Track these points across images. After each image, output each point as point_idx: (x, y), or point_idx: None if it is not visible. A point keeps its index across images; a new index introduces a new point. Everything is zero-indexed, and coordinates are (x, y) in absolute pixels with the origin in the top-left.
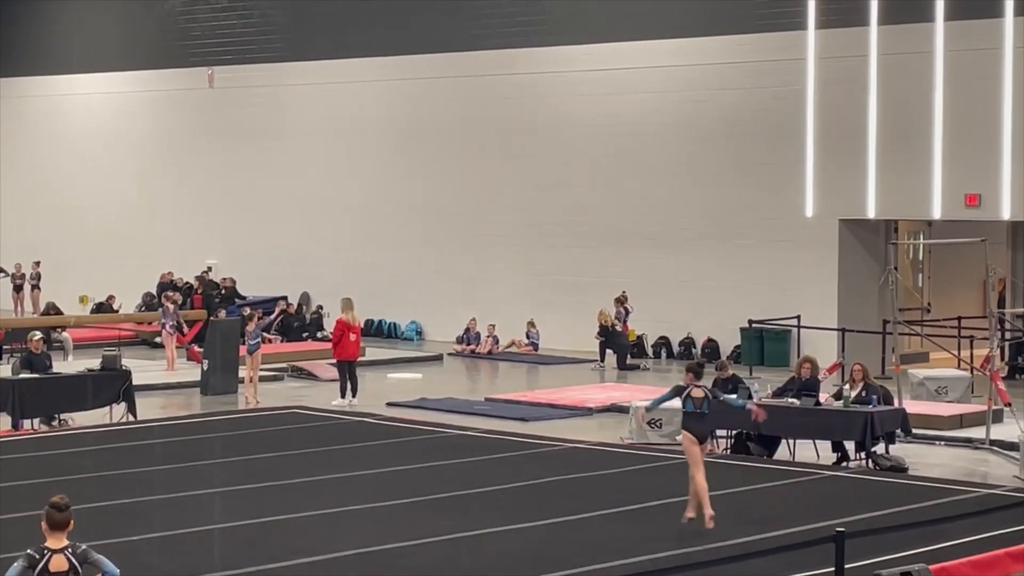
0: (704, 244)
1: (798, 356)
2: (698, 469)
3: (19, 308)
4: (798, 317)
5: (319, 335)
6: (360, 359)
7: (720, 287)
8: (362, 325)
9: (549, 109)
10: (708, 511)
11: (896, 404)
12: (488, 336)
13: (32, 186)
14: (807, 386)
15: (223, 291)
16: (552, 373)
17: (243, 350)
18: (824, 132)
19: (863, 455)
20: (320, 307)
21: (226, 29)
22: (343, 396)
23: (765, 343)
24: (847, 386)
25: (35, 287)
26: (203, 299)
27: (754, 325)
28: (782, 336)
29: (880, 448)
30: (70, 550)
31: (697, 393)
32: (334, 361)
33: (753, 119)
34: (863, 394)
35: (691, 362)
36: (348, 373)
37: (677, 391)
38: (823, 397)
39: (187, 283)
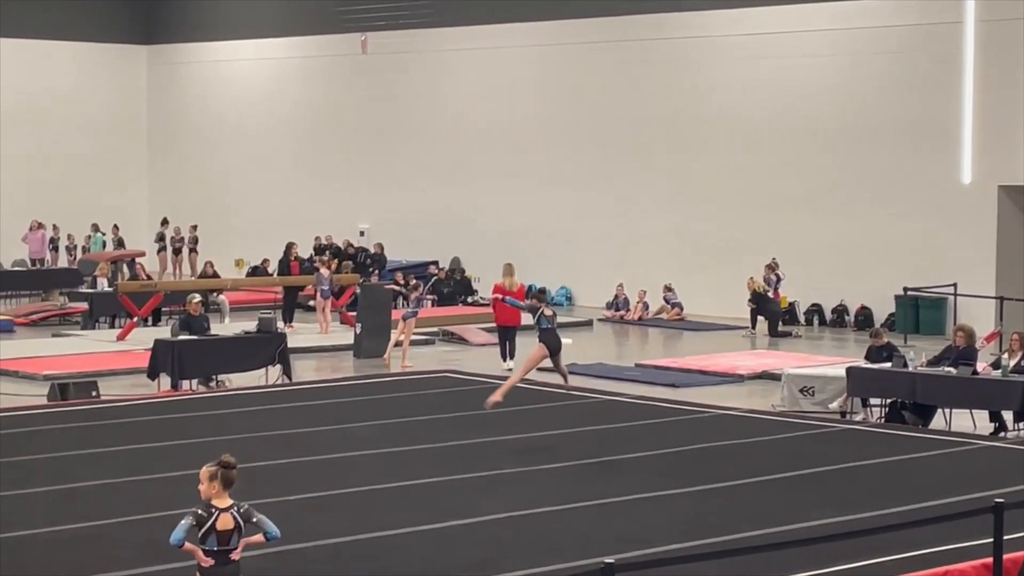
0: (858, 209)
1: (954, 324)
2: (524, 371)
3: (177, 271)
4: (954, 285)
5: (469, 300)
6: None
7: (874, 253)
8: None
9: (700, 73)
10: (496, 396)
11: None
12: (638, 302)
13: (188, 151)
14: (964, 355)
15: (374, 256)
16: (702, 339)
17: (397, 314)
18: (983, 96)
19: (1021, 425)
20: (463, 270)
21: None
22: (504, 360)
23: (920, 311)
24: (1005, 355)
25: (192, 250)
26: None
27: (909, 293)
28: (938, 304)
29: None
30: (236, 509)
31: (548, 312)
32: (495, 326)
33: (910, 83)
34: (1022, 363)
35: (536, 291)
36: (508, 338)
37: (531, 309)
38: (981, 366)
39: (334, 245)
